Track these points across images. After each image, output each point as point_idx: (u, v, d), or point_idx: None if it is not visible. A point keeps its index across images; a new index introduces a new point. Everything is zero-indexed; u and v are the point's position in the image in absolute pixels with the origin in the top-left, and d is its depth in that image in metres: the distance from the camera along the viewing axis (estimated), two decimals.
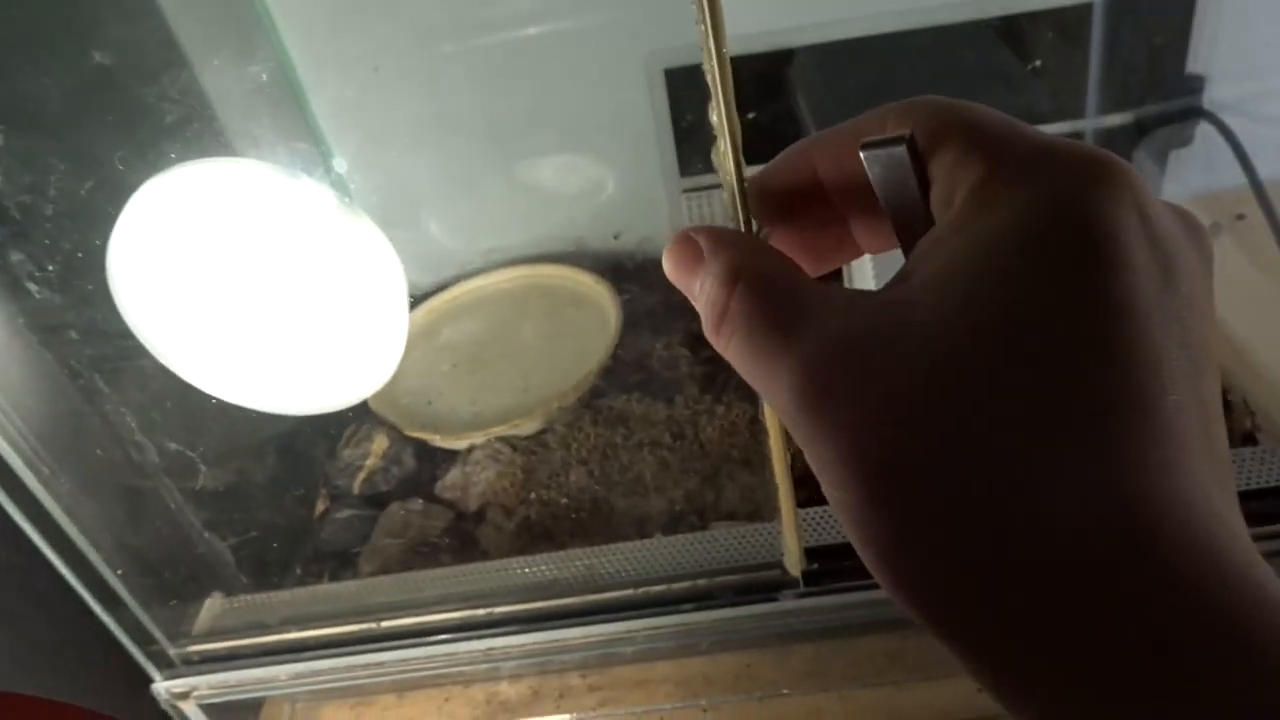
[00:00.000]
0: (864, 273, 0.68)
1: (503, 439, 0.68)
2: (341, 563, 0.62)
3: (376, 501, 0.66)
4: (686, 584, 0.52)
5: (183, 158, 0.53)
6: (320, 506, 0.66)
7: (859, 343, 0.19)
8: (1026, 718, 0.17)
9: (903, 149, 0.22)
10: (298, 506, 0.66)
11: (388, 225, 0.67)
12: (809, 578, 0.51)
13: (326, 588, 0.56)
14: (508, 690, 0.59)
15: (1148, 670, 0.16)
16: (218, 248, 0.61)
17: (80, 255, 0.51)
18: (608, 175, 0.81)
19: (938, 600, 0.18)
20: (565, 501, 0.63)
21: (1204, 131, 0.77)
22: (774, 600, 0.51)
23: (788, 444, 0.56)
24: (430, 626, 0.53)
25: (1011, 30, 0.77)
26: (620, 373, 0.71)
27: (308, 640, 0.53)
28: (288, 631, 0.54)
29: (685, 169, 0.79)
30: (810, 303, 0.20)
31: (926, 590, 0.18)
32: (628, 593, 0.53)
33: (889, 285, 0.21)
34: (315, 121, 0.76)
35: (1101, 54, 0.76)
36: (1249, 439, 0.57)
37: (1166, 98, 0.77)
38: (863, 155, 0.22)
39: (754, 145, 0.26)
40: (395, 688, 0.59)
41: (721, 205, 0.82)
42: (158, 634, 0.53)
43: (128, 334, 0.52)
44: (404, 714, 0.59)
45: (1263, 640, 0.15)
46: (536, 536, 0.61)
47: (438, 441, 0.69)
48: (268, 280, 0.61)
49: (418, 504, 0.65)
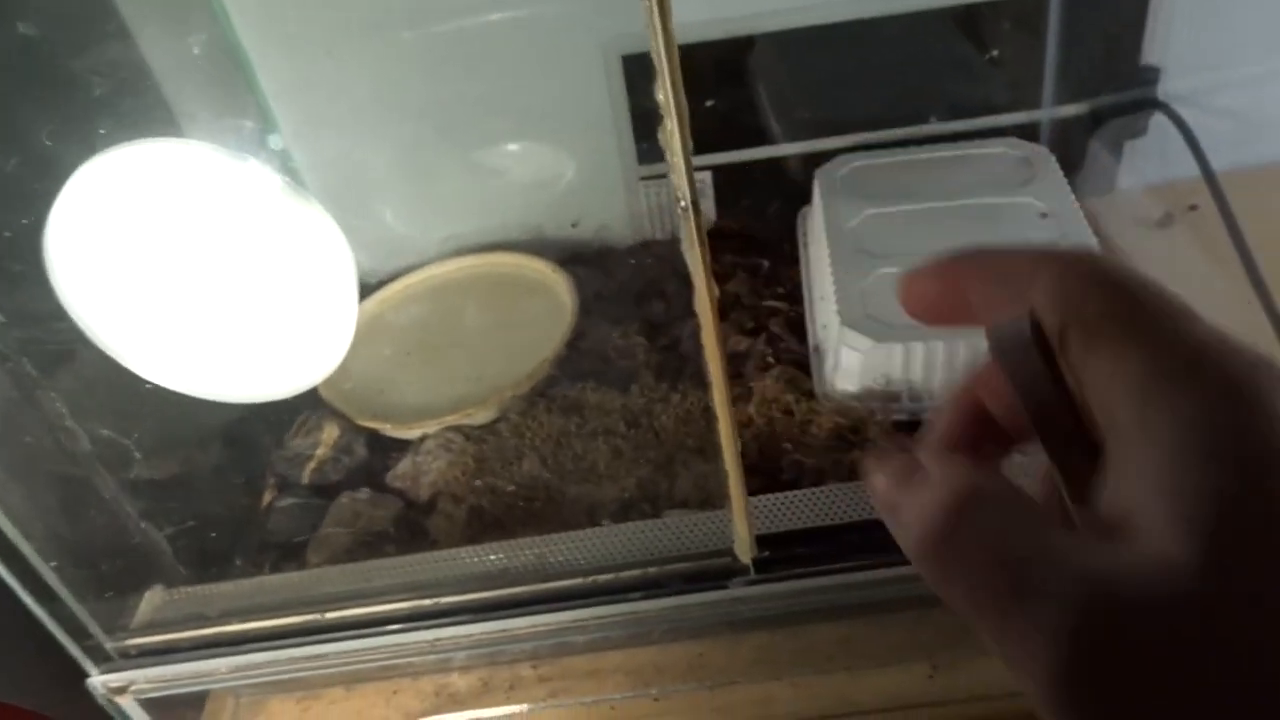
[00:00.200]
0: (825, 287, 0.67)
1: (456, 428, 0.66)
2: (288, 554, 0.61)
3: (326, 491, 0.65)
4: (637, 572, 0.52)
5: (125, 134, 0.51)
6: (268, 497, 0.65)
7: (1131, 625, 0.16)
8: None
9: (1028, 331, 0.20)
10: (244, 497, 0.65)
11: (342, 211, 0.65)
12: (760, 565, 0.50)
13: (270, 579, 0.55)
14: (458, 681, 0.58)
15: None
16: (161, 230, 0.59)
17: (8, 235, 0.49)
18: (565, 163, 0.80)
19: None
20: (517, 490, 0.62)
21: (1158, 123, 0.77)
22: (724, 588, 0.50)
23: (739, 430, 0.55)
24: (376, 617, 0.52)
25: (970, 19, 0.77)
26: (576, 361, 0.70)
27: (249, 632, 0.52)
28: (228, 623, 0.52)
29: (643, 156, 0.78)
30: (1057, 552, 0.18)
31: None
32: (577, 581, 0.52)
33: (1120, 529, 0.18)
34: (266, 103, 0.75)
35: (1058, 44, 0.76)
36: None
37: (1121, 89, 0.77)
38: (989, 341, 0.21)
39: (714, 133, 0.25)
40: (343, 680, 0.58)
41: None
42: (93, 627, 0.52)
43: (61, 316, 0.50)
44: (352, 706, 0.58)
45: None
46: (487, 526, 0.60)
47: (389, 431, 0.68)
48: (212, 265, 0.60)
49: (367, 494, 0.64)
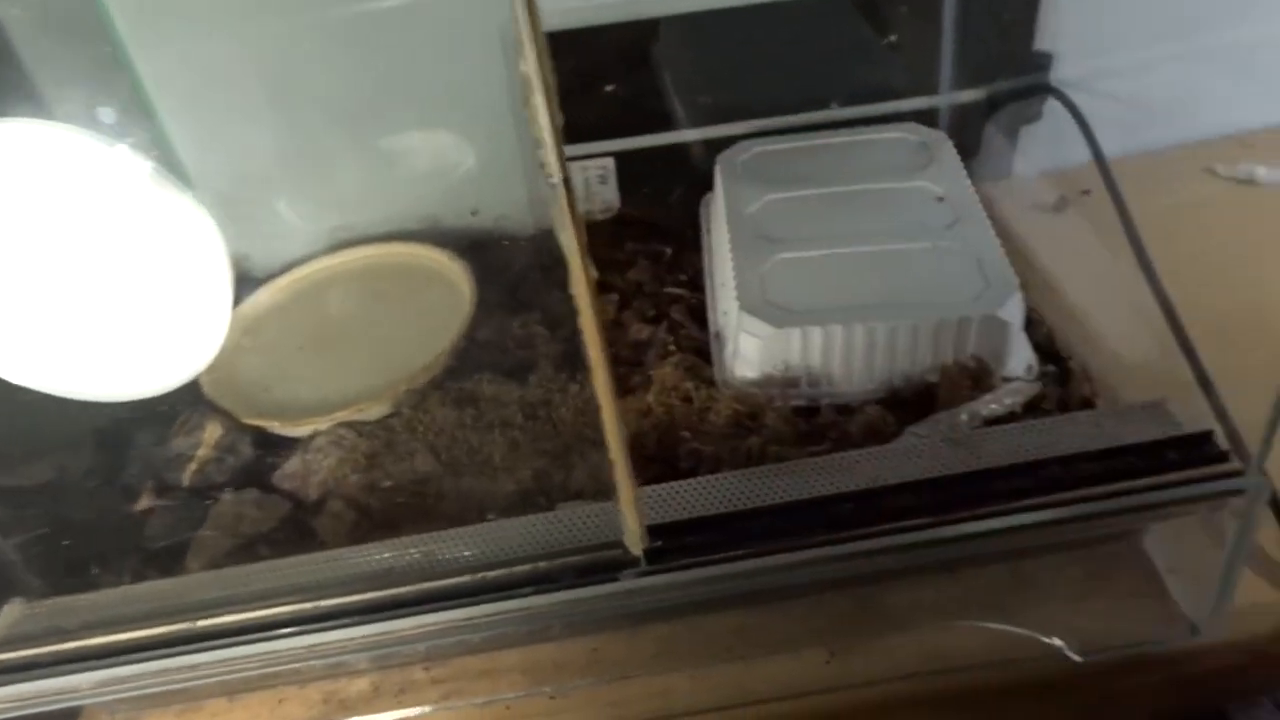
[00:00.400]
0: (725, 274, 0.66)
1: (348, 424, 0.64)
2: (165, 560, 0.58)
3: (208, 494, 0.62)
4: (528, 567, 0.50)
5: None
6: (145, 501, 0.62)
7: None
8: None
9: None
10: (120, 501, 0.62)
11: (229, 201, 0.62)
12: (651, 556, 0.49)
13: (138, 588, 0.52)
14: (346, 688, 0.56)
15: None
16: (20, 219, 0.56)
17: None
18: (463, 150, 0.78)
19: None
20: (409, 486, 0.60)
21: (1052, 108, 0.78)
22: (615, 580, 0.49)
23: (637, 419, 0.54)
24: (253, 623, 0.50)
25: (869, 4, 0.77)
26: (474, 353, 0.68)
27: (114, 645, 0.49)
28: (93, 636, 0.49)
29: None
30: None
31: None
32: (466, 578, 0.50)
33: None
34: (141, 84, 0.71)
35: (954, 30, 0.76)
36: (1087, 404, 0.59)
37: (1016, 74, 0.78)
38: None
39: (616, 118, 0.24)
40: (223, 690, 0.55)
41: (583, 180, 0.80)
42: None
43: None
44: (235, 718, 0.56)
45: None
46: (378, 525, 0.58)
47: (277, 429, 0.65)
48: (76, 256, 0.56)
49: (252, 495, 0.61)
